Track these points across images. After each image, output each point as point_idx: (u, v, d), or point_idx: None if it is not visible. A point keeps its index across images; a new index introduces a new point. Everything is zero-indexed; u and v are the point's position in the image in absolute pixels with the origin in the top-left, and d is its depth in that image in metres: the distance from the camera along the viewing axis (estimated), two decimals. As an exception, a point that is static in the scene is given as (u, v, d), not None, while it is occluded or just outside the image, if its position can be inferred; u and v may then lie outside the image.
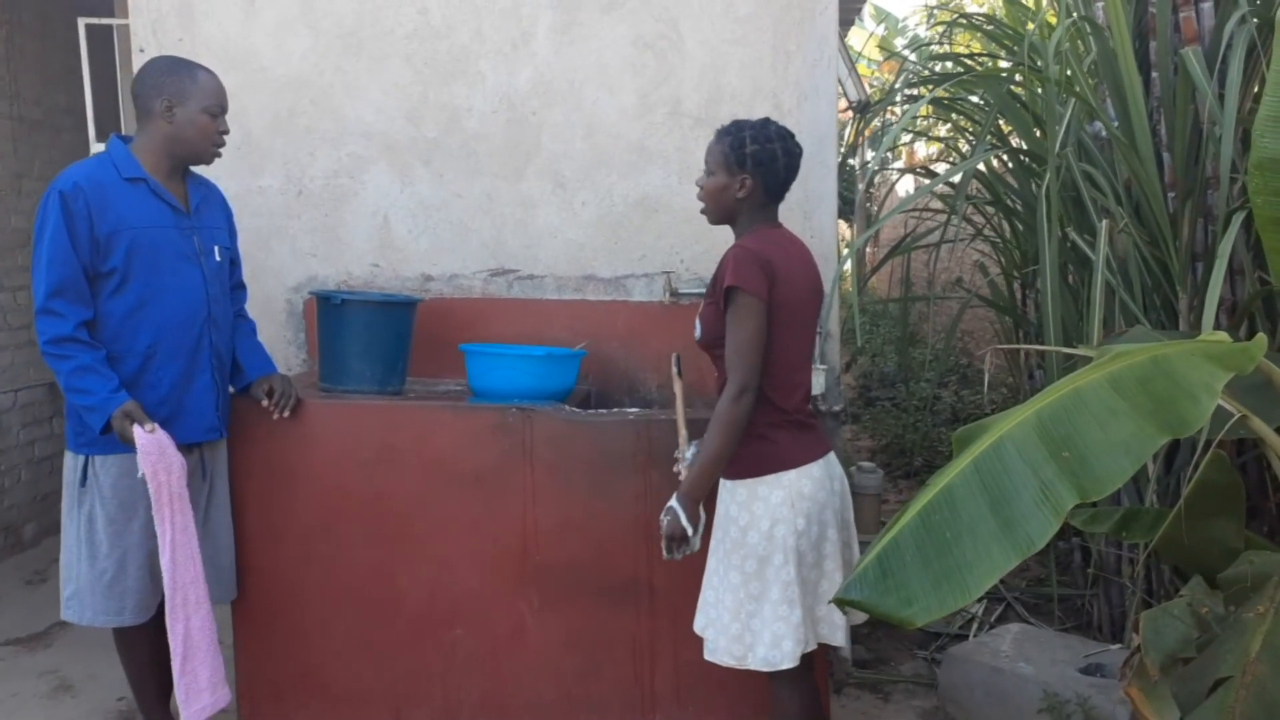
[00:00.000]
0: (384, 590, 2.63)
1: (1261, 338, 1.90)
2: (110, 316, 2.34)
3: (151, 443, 2.25)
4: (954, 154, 4.71)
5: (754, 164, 2.14)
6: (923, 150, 7.62)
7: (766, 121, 2.19)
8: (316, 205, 3.25)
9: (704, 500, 2.18)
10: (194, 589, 2.34)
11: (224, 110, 2.46)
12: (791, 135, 2.20)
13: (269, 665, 2.69)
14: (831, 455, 2.25)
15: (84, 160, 2.41)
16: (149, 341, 2.37)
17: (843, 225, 9.58)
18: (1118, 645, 2.93)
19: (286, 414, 2.56)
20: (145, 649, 2.51)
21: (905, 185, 8.41)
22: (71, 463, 2.40)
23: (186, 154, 2.44)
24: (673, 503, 2.16)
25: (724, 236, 2.30)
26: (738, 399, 2.06)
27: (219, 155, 2.50)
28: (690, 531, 2.14)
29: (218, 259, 2.52)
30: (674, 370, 2.39)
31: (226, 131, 2.48)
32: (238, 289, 2.72)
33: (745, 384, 2.07)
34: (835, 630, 2.23)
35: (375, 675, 2.66)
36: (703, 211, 2.27)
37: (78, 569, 2.40)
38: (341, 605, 2.65)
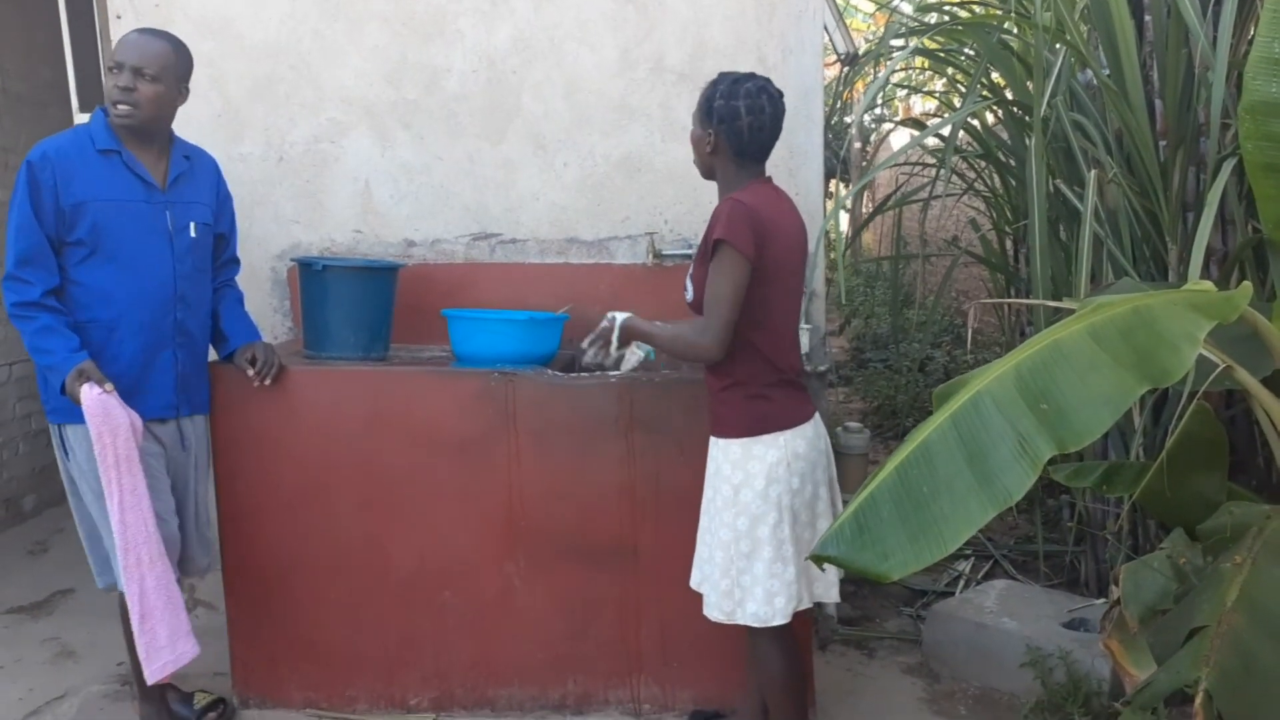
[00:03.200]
0: (373, 556, 2.65)
1: (1246, 286, 1.87)
2: (77, 286, 2.36)
3: (96, 402, 2.24)
4: (948, 109, 4.64)
5: (717, 120, 2.11)
6: (919, 106, 7.52)
7: (746, 78, 2.12)
8: (298, 172, 3.22)
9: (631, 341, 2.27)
10: (146, 548, 2.32)
11: (119, 65, 2.33)
12: (765, 93, 2.11)
13: (261, 632, 2.71)
14: (818, 415, 2.25)
15: (63, 131, 2.39)
16: (112, 315, 2.38)
17: (841, 186, 9.49)
18: (1102, 600, 2.93)
19: (269, 382, 2.56)
20: None
21: (901, 141, 8.31)
22: (54, 434, 2.43)
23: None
24: (619, 315, 2.24)
25: (709, 196, 2.27)
26: (700, 339, 2.06)
27: (119, 113, 2.35)
28: (614, 345, 2.24)
29: (193, 235, 2.49)
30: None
31: (122, 87, 2.33)
32: (230, 264, 2.71)
33: (718, 335, 2.04)
34: (830, 588, 2.25)
35: (367, 639, 2.68)
36: (695, 163, 2.25)
37: (84, 537, 2.46)
38: (331, 571, 2.66)
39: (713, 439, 2.22)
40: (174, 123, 2.52)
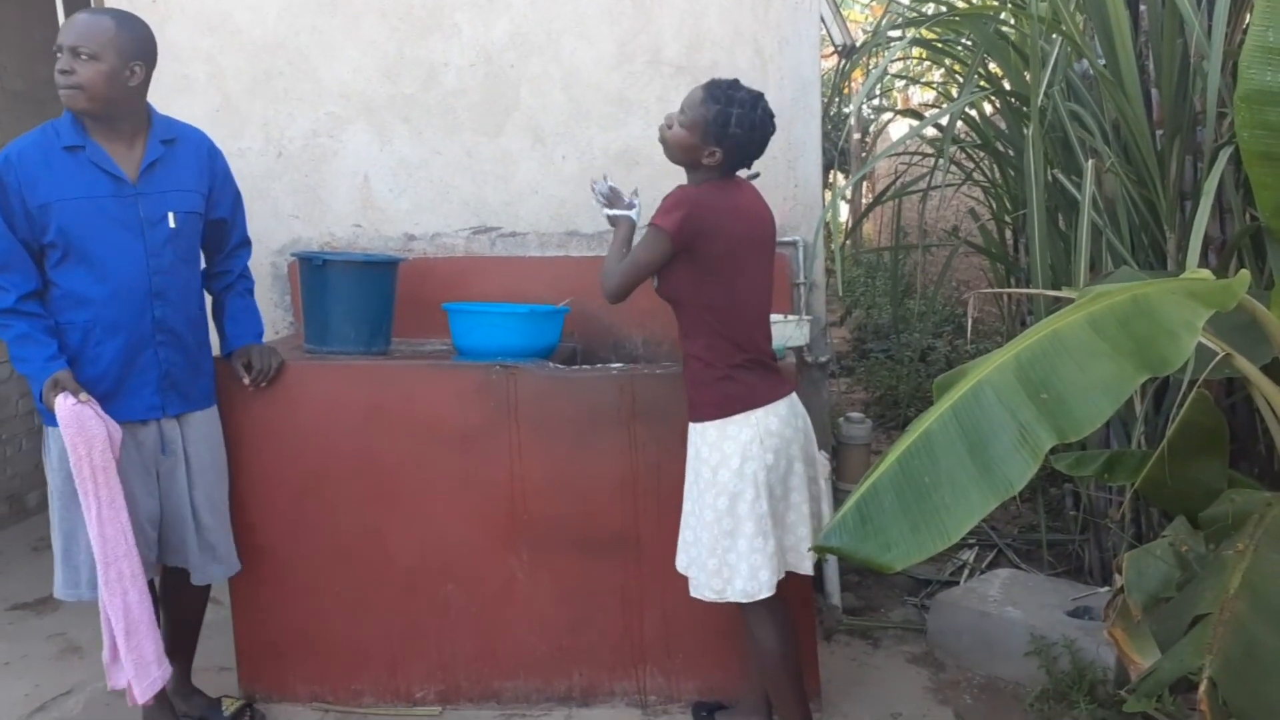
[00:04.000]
0: (376, 549, 2.65)
1: (1244, 274, 1.87)
2: (55, 288, 2.29)
3: (70, 414, 2.17)
4: (946, 99, 4.63)
5: (731, 143, 2.16)
6: (918, 97, 7.52)
7: (756, 100, 2.18)
8: (297, 167, 3.22)
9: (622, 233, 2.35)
10: (127, 562, 2.26)
11: (57, 48, 2.22)
12: (772, 116, 2.21)
13: (266, 625, 2.72)
14: (794, 395, 2.30)
15: (30, 130, 2.31)
16: (87, 317, 2.30)
17: (840, 177, 9.48)
18: (1106, 588, 2.94)
19: (264, 385, 2.54)
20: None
21: (900, 132, 8.30)
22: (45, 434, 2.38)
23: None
24: (636, 209, 2.39)
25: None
26: (605, 281, 2.24)
27: (67, 98, 2.24)
28: (603, 202, 2.41)
29: (171, 226, 2.35)
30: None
31: (64, 70, 2.21)
32: (240, 248, 2.62)
33: (614, 288, 2.22)
34: (802, 559, 2.30)
35: (370, 631, 2.69)
36: (660, 140, 2.26)
37: (53, 536, 2.38)
38: (335, 564, 2.67)
39: (690, 424, 2.28)
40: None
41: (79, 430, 2.17)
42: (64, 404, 2.18)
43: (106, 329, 2.31)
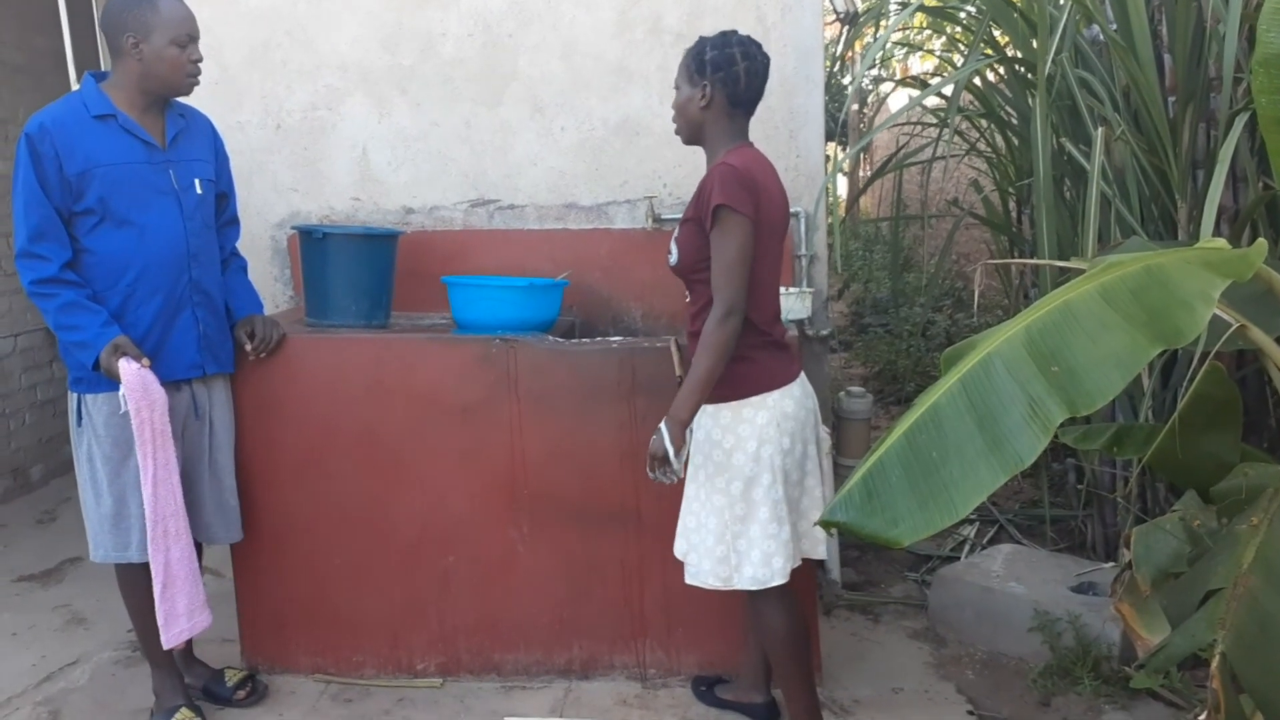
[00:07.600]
0: (378, 521, 2.64)
1: (1261, 243, 1.83)
2: (90, 254, 2.32)
3: (136, 377, 2.23)
4: (949, 68, 4.57)
5: (712, 69, 2.09)
6: (919, 66, 7.43)
7: (730, 32, 2.14)
8: (295, 139, 3.18)
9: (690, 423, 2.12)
10: (174, 521, 2.35)
11: (193, 38, 2.35)
12: (755, 43, 2.13)
13: (269, 597, 2.71)
14: (803, 374, 2.25)
15: (54, 101, 2.34)
16: (129, 279, 2.33)
17: (839, 150, 9.39)
18: (1110, 564, 2.93)
19: (264, 355, 2.54)
20: (147, 588, 2.47)
21: (900, 102, 8.20)
22: (71, 402, 2.41)
23: (161, 89, 2.36)
24: (660, 424, 2.10)
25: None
26: (724, 321, 2.02)
27: (196, 84, 2.41)
28: (671, 453, 2.05)
29: (199, 192, 2.44)
30: (674, 354, 2.38)
31: (199, 59, 2.37)
32: (229, 225, 2.64)
33: (733, 305, 2.02)
34: (817, 544, 2.27)
35: (372, 603, 2.68)
36: (676, 132, 2.21)
37: (88, 507, 2.43)
38: (337, 536, 2.66)
39: (700, 406, 2.20)
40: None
41: (144, 394, 2.25)
42: (128, 368, 2.24)
43: (147, 291, 2.37)
